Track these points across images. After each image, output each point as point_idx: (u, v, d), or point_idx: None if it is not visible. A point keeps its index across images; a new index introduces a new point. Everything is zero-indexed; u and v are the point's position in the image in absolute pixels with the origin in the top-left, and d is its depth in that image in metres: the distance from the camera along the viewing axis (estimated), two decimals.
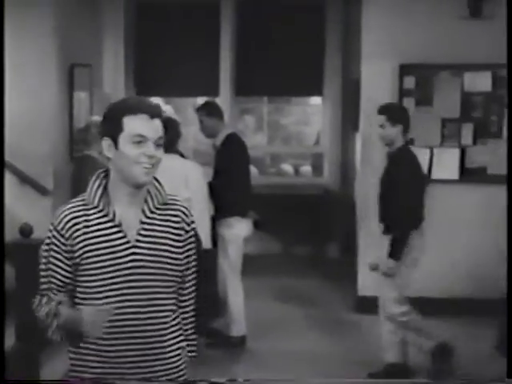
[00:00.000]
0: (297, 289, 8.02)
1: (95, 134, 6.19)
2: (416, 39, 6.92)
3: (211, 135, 6.44)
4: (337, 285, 7.97)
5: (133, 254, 2.67)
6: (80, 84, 7.48)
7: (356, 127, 7.77)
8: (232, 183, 6.24)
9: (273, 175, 10.10)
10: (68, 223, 2.71)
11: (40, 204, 6.72)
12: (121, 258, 2.67)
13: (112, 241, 2.69)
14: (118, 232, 2.70)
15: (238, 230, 6.25)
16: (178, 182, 5.25)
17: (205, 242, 5.48)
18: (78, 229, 2.71)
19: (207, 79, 9.39)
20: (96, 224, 2.71)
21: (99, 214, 2.72)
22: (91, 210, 2.72)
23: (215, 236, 6.10)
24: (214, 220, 6.06)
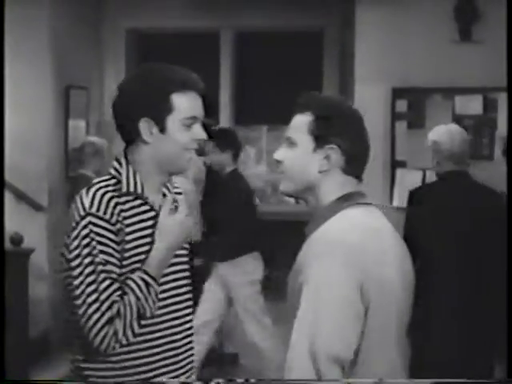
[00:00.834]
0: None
1: (89, 154, 6.44)
2: (408, 63, 7.00)
3: (217, 170, 5.77)
4: None
5: None
6: (76, 106, 7.53)
7: None
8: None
9: (274, 204, 10.14)
10: (109, 202, 2.26)
11: (34, 219, 6.77)
12: None
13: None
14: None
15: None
16: None
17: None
18: (123, 209, 2.27)
19: (206, 107, 9.43)
20: (137, 213, 2.32)
21: (137, 202, 2.33)
22: (123, 197, 2.31)
23: None
24: None
